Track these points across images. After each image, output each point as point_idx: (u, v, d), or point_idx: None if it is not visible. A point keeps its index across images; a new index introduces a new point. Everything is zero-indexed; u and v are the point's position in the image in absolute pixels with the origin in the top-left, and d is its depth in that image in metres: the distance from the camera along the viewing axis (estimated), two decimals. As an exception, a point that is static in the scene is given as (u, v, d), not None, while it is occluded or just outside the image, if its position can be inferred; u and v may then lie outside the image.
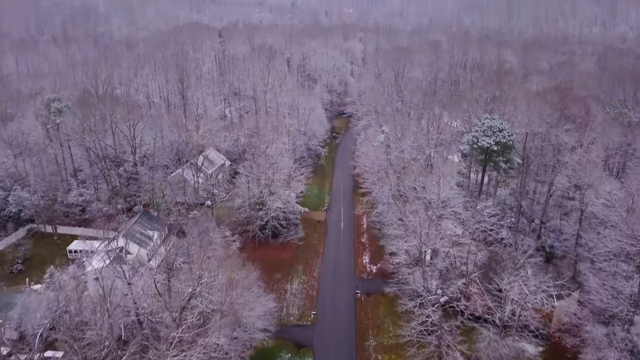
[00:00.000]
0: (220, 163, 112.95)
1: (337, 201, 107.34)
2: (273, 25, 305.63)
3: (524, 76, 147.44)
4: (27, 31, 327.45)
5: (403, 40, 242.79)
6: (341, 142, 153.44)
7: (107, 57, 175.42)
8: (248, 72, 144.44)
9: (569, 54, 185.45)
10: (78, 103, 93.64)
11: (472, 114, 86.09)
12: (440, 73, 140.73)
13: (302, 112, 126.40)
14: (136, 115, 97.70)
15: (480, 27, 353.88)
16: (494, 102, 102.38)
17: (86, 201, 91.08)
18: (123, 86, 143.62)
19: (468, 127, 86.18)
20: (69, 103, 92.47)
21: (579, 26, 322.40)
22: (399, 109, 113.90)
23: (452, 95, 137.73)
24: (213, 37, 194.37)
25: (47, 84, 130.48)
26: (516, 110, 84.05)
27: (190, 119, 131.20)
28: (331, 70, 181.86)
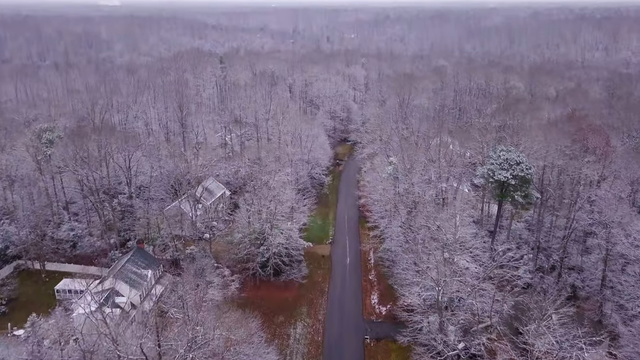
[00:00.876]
0: (220, 193, 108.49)
1: (342, 233, 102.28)
2: (275, 51, 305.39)
3: (531, 102, 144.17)
4: (29, 57, 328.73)
5: (405, 66, 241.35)
6: (345, 170, 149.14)
7: (106, 83, 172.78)
8: (249, 98, 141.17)
9: (575, 79, 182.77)
10: (72, 133, 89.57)
11: (485, 144, 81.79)
12: (447, 100, 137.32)
13: (305, 140, 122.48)
14: (132, 145, 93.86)
15: (481, 52, 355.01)
16: (505, 130, 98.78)
17: (77, 236, 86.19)
18: (121, 113, 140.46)
19: (480, 157, 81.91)
20: (60, 133, 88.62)
21: (581, 51, 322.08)
22: (406, 137, 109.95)
23: (460, 124, 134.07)
24: (214, 63, 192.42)
25: (43, 111, 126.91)
26: (532, 140, 79.79)
27: (189, 146, 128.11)
28: (334, 96, 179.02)
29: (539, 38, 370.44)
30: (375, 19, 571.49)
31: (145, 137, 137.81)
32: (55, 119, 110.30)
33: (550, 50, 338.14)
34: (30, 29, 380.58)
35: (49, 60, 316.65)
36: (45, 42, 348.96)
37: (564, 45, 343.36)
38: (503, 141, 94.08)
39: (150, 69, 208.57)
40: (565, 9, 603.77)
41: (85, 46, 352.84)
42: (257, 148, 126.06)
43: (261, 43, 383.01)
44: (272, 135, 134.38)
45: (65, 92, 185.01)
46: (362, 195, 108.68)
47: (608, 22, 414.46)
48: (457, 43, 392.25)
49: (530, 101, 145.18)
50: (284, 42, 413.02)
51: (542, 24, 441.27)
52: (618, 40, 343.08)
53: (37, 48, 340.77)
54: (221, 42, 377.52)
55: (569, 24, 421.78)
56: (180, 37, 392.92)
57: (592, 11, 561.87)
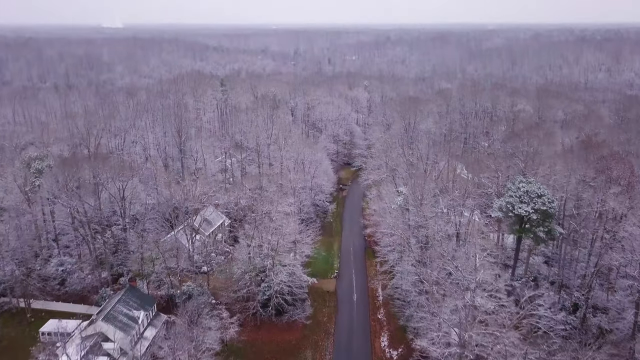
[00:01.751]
0: (220, 222, 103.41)
1: (347, 266, 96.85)
2: (276, 73, 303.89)
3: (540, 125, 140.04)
4: (30, 79, 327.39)
5: (408, 88, 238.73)
6: (349, 195, 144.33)
7: (104, 106, 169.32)
8: (251, 123, 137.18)
9: (582, 101, 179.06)
10: (63, 161, 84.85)
11: (500, 173, 77.04)
12: (454, 124, 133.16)
13: (308, 166, 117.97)
14: (127, 174, 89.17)
15: (484, 74, 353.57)
16: (518, 156, 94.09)
17: (66, 271, 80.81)
18: (119, 138, 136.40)
19: (495, 187, 77.10)
20: (51, 162, 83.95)
21: (584, 72, 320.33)
22: (413, 163, 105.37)
23: (470, 150, 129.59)
24: (215, 85, 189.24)
25: (38, 136, 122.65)
26: (549, 169, 75.01)
27: (188, 172, 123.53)
28: (337, 119, 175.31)
29: (540, 59, 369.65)
30: (376, 40, 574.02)
31: (143, 162, 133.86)
32: (48, 145, 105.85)
33: (553, 71, 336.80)
34: (32, 51, 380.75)
35: (49, 82, 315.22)
36: (46, 64, 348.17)
37: (567, 66, 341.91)
38: (518, 169, 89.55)
39: (150, 91, 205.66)
40: (566, 31, 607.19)
41: (87, 68, 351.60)
42: (258, 174, 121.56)
43: (262, 65, 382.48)
44: (274, 159, 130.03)
45: (62, 115, 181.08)
46: (368, 225, 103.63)
47: (609, 43, 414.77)
48: (459, 65, 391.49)
49: (539, 125, 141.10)
50: (285, 64, 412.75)
51: (543, 45, 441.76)
52: (620, 61, 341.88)
53: (38, 70, 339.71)
54: (222, 64, 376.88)
55: (569, 46, 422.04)
56: (182, 59, 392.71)
57: (592, 33, 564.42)
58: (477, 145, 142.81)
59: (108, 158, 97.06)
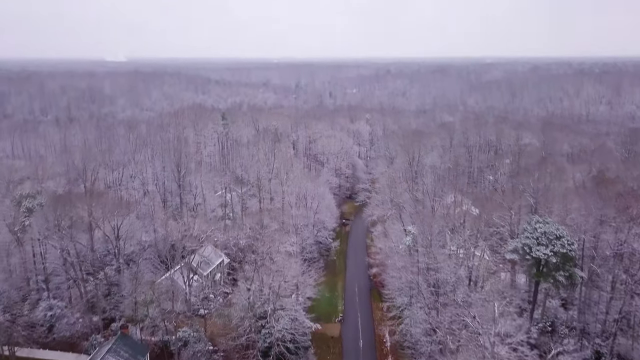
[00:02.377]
0: (218, 261, 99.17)
1: (352, 308, 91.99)
2: (278, 106, 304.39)
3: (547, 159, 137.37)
4: (31, 112, 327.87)
5: (410, 121, 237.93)
6: (352, 231, 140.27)
7: (104, 140, 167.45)
8: (252, 157, 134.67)
9: (587, 135, 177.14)
10: (55, 199, 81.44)
11: (512, 212, 73.51)
12: (460, 159, 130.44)
13: (311, 201, 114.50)
14: (123, 211, 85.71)
15: (484, 106, 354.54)
16: (528, 192, 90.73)
17: (55, 316, 76.21)
18: (117, 172, 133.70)
19: (508, 227, 73.44)
20: (42, 201, 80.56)
21: (585, 105, 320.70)
22: (419, 199, 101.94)
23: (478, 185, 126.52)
24: (216, 119, 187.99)
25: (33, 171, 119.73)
26: (565, 208, 71.51)
27: (186, 208, 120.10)
28: (339, 152, 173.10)
29: (541, 92, 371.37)
30: (377, 73, 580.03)
31: (141, 197, 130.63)
32: (42, 181, 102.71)
33: (553, 104, 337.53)
34: (35, 84, 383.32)
35: (50, 115, 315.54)
36: (48, 97, 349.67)
37: (567, 99, 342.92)
38: (529, 206, 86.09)
39: (150, 124, 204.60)
40: (564, 64, 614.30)
41: (88, 101, 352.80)
42: (259, 211, 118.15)
43: (264, 98, 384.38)
44: (275, 193, 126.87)
45: (61, 149, 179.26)
46: (373, 264, 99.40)
47: (608, 76, 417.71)
48: (460, 97, 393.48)
49: (546, 159, 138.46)
50: (286, 97, 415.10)
51: (543, 78, 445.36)
52: (621, 94, 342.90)
53: (40, 103, 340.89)
54: (224, 97, 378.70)
55: (569, 78, 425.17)
56: (183, 92, 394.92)
57: (590, 66, 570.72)
58: (482, 179, 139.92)
59: (104, 195, 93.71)
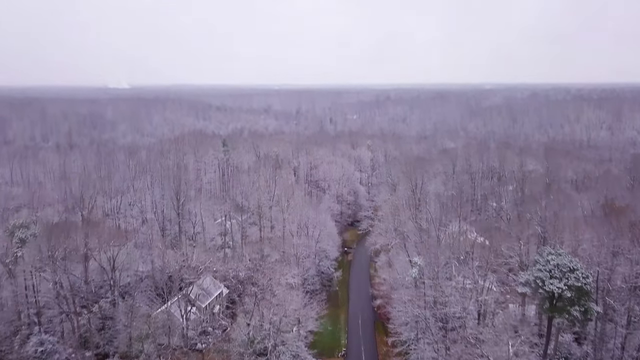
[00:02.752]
0: (217, 292, 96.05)
1: (356, 342, 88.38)
2: (279, 132, 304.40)
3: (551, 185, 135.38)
4: (32, 139, 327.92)
5: (411, 147, 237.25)
6: (354, 260, 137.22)
7: (103, 167, 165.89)
8: (253, 184, 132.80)
9: (590, 160, 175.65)
10: (49, 229, 79.10)
11: (522, 243, 71.08)
12: (464, 185, 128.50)
13: (312, 229, 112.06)
14: (120, 241, 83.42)
15: (485, 132, 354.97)
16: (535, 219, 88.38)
17: (46, 352, 72.83)
18: (115, 200, 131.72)
19: (518, 258, 70.87)
20: (36, 231, 78.28)
21: (586, 130, 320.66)
22: (423, 228, 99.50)
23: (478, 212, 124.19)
24: (216, 145, 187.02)
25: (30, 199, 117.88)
26: (576, 238, 69.09)
27: (186, 236, 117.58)
28: (340, 179, 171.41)
29: (541, 118, 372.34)
30: (377, 100, 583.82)
31: (140, 225, 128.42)
32: (38, 210, 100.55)
33: (554, 129, 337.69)
34: (37, 110, 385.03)
35: (51, 141, 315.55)
36: (49, 123, 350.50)
37: (568, 124, 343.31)
38: (537, 236, 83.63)
39: (151, 150, 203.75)
40: (562, 90, 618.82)
41: (90, 127, 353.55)
42: (259, 240, 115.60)
43: (265, 124, 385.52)
44: (276, 220, 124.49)
45: (60, 176, 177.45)
46: (377, 295, 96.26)
47: (607, 102, 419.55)
48: (460, 123, 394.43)
49: (550, 185, 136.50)
50: (287, 123, 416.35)
51: (542, 104, 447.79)
52: (621, 119, 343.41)
53: (41, 129, 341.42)
54: (225, 123, 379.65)
55: (568, 104, 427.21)
56: (185, 117, 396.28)
57: (588, 92, 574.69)
58: (486, 207, 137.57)
59: (101, 224, 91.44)
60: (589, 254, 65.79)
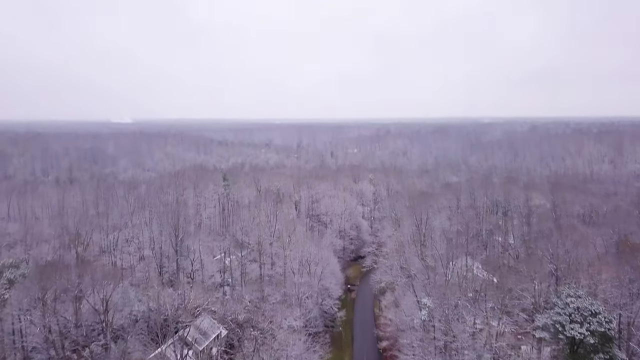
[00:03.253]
0: (216, 334, 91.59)
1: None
2: (280, 166, 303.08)
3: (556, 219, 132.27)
4: (33, 173, 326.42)
5: (414, 181, 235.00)
6: (358, 298, 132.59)
7: (100, 203, 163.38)
8: (253, 220, 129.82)
9: (595, 195, 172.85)
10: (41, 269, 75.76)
11: (537, 283, 67.61)
12: (471, 222, 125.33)
13: (314, 267, 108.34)
14: (115, 280, 79.87)
15: (486, 166, 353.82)
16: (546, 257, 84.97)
17: (32, 402, 68.43)
18: (112, 236, 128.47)
19: (532, 300, 67.21)
20: (26, 271, 74.93)
21: (588, 164, 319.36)
22: (430, 265, 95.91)
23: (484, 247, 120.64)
24: (217, 180, 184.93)
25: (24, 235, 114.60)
26: (593, 278, 65.66)
27: (184, 273, 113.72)
28: (342, 213, 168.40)
29: (542, 151, 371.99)
30: (377, 134, 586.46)
31: (137, 262, 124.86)
32: (31, 247, 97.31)
33: (556, 163, 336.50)
34: (39, 145, 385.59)
35: (51, 176, 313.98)
36: (50, 158, 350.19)
37: (570, 158, 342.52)
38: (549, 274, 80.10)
39: (151, 185, 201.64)
40: (561, 124, 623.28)
41: (91, 162, 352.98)
42: (259, 279, 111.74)
43: (266, 158, 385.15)
44: (277, 257, 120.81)
45: (58, 211, 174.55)
46: (383, 337, 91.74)
47: (607, 135, 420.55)
48: (461, 157, 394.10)
49: (557, 220, 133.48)
50: (288, 156, 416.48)
51: (543, 137, 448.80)
52: (623, 152, 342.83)
53: (42, 164, 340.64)
54: (226, 158, 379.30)
55: (568, 138, 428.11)
56: (186, 152, 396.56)
57: (588, 125, 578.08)
58: (492, 242, 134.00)
59: (95, 262, 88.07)
60: (609, 295, 62.24)
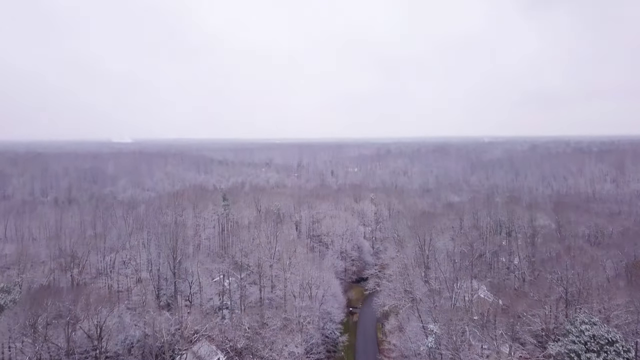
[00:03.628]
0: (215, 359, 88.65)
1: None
2: (281, 186, 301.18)
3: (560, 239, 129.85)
4: (32, 194, 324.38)
5: (415, 200, 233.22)
6: (361, 321, 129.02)
7: (99, 222, 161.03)
8: (253, 241, 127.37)
9: (600, 215, 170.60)
10: (33, 295, 73.28)
11: (548, 307, 65.05)
12: (476, 242, 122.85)
13: (316, 290, 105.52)
14: (110, 305, 77.29)
15: (488, 185, 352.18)
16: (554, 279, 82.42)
17: None
18: (108, 258, 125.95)
19: (544, 326, 64.56)
20: (17, 296, 72.47)
21: (590, 183, 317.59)
22: (435, 289, 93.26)
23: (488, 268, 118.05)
24: (216, 200, 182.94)
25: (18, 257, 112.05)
26: (606, 302, 63.15)
27: (181, 297, 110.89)
28: (344, 234, 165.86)
29: (543, 170, 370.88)
30: (377, 153, 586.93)
31: (134, 284, 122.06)
32: (24, 271, 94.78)
33: (558, 182, 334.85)
34: (39, 165, 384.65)
35: (50, 196, 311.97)
36: (50, 178, 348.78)
37: (572, 177, 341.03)
38: (558, 297, 77.51)
39: (150, 205, 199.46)
40: (561, 142, 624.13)
41: (90, 182, 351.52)
42: (259, 300, 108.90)
43: (266, 177, 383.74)
44: (277, 279, 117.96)
45: (55, 232, 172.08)
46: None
47: (608, 154, 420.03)
48: (462, 176, 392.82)
49: (563, 240, 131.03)
50: (289, 176, 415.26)
51: (544, 157, 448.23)
52: (624, 172, 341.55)
53: (41, 184, 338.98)
54: (226, 177, 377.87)
55: (568, 157, 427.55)
56: (186, 172, 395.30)
57: (588, 144, 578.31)
58: (497, 263, 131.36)
59: (91, 285, 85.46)
60: (623, 321, 59.70)
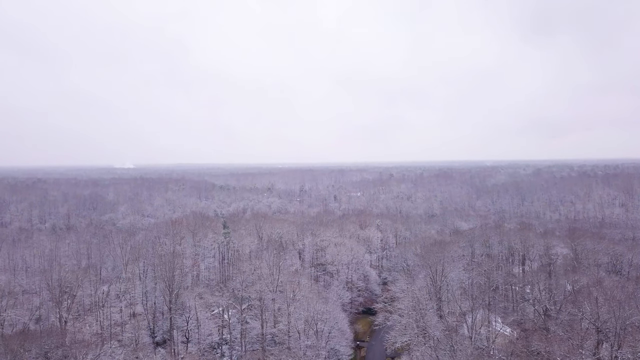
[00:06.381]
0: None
1: None
2: (283, 211, 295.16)
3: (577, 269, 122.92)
4: (29, 221, 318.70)
5: (422, 227, 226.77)
6: (368, 356, 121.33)
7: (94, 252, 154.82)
8: (254, 272, 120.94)
9: (617, 242, 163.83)
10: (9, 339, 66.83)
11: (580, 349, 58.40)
12: (491, 274, 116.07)
13: (322, 326, 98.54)
14: (100, 343, 70.84)
15: (494, 210, 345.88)
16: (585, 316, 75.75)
17: None
18: (100, 291, 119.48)
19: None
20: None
21: (600, 208, 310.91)
22: (452, 326, 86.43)
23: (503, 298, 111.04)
24: (216, 227, 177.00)
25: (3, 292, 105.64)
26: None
27: (178, 332, 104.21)
28: (350, 263, 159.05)
29: (550, 195, 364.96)
30: (380, 177, 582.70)
31: (128, 318, 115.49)
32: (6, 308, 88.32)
33: (565, 207, 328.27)
34: (38, 192, 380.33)
35: (48, 223, 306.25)
36: (49, 204, 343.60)
37: (579, 201, 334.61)
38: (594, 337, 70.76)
39: (148, 232, 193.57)
40: (565, 166, 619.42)
41: (90, 208, 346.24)
42: (261, 334, 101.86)
43: (268, 202, 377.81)
44: (280, 313, 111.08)
45: (49, 262, 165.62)
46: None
47: (614, 178, 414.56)
48: (468, 201, 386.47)
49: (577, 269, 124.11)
50: (291, 201, 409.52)
51: (548, 181, 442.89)
52: (633, 196, 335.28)
53: (40, 211, 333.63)
54: (227, 203, 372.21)
55: (574, 181, 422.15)
56: (187, 197, 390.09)
57: (592, 168, 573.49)
58: (514, 295, 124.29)
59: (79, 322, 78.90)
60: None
